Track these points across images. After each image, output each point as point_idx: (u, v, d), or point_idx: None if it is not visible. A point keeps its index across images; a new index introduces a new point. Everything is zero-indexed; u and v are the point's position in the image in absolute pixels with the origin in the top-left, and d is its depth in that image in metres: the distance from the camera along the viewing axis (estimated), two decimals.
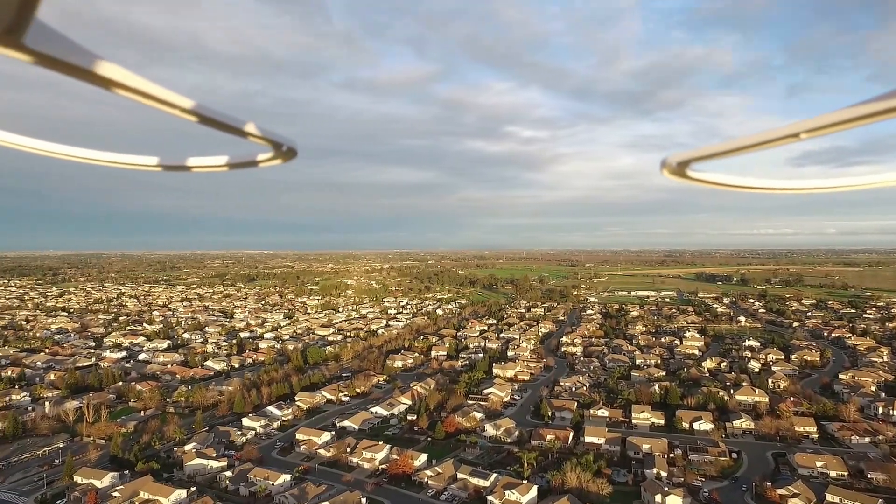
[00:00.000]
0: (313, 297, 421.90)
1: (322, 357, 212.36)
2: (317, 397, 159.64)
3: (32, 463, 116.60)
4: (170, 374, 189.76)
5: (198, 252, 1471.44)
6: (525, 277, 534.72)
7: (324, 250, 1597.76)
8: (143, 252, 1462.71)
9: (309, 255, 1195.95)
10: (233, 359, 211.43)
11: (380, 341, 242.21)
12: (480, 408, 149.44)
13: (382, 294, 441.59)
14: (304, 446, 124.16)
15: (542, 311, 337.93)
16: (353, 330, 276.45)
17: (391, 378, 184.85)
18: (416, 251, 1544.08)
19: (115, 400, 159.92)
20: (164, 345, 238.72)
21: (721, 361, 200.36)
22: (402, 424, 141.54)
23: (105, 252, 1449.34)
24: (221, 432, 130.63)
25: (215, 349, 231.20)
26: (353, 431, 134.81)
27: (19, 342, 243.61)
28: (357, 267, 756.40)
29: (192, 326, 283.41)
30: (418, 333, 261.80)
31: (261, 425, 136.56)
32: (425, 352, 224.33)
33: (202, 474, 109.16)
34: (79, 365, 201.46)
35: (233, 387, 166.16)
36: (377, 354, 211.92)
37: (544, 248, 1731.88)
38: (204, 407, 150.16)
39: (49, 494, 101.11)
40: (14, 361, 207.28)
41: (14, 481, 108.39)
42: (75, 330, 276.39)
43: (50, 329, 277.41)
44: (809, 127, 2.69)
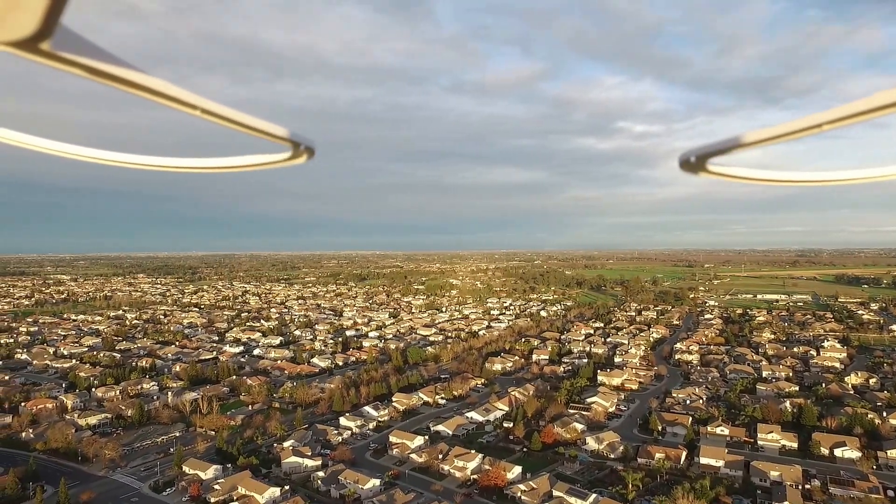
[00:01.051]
0: (418, 297, 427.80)
1: (422, 357, 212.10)
2: (413, 399, 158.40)
3: (151, 450, 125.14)
4: (279, 369, 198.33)
5: (316, 253, 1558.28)
6: (636, 278, 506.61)
7: (432, 251, 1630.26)
8: (268, 253, 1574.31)
9: (418, 256, 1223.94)
10: (337, 357, 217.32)
11: (480, 343, 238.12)
12: (582, 418, 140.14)
13: (486, 294, 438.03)
14: (397, 450, 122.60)
15: (655, 315, 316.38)
16: (454, 330, 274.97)
17: (489, 382, 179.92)
18: (522, 251, 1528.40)
19: (228, 393, 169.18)
20: (276, 341, 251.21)
21: (869, 377, 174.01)
22: (498, 432, 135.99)
23: (237, 253, 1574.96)
24: (319, 430, 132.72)
25: (322, 347, 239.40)
26: (446, 437, 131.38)
27: (156, 335, 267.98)
28: (463, 267, 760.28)
29: (303, 324, 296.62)
30: (520, 336, 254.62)
31: (356, 425, 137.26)
32: (526, 355, 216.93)
33: (297, 472, 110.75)
34: (201, 358, 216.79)
35: (334, 385, 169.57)
36: (476, 356, 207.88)
37: (658, 248, 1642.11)
38: (305, 404, 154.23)
39: (161, 482, 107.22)
40: (150, 352, 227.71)
41: (134, 466, 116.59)
42: (203, 325, 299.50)
43: (182, 323, 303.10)
44: (831, 118, 2.62)
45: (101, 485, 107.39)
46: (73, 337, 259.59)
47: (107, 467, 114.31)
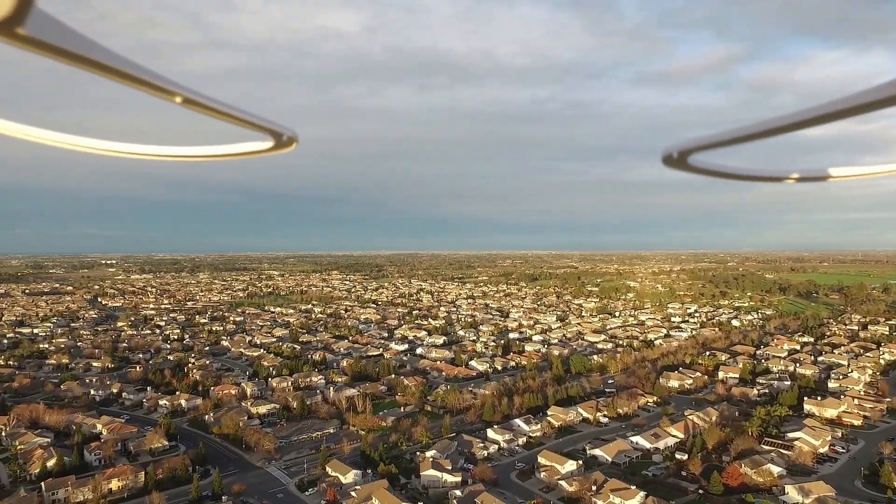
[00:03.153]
0: (590, 300, 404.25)
1: (586, 367, 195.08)
2: (570, 414, 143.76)
3: (306, 445, 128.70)
4: (437, 370, 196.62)
5: (493, 252, 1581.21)
6: (860, 285, 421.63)
7: (610, 251, 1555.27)
8: (448, 252, 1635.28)
9: (594, 256, 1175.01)
10: (496, 360, 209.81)
11: (655, 354, 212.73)
12: (780, 458, 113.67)
13: (667, 299, 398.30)
14: (545, 473, 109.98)
15: (887, 331, 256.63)
16: (626, 338, 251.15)
17: (662, 401, 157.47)
18: (712, 251, 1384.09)
19: (385, 392, 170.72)
20: (440, 340, 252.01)
21: None
22: (667, 464, 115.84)
23: (420, 252, 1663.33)
24: (465, 441, 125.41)
25: (483, 349, 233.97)
26: (604, 463, 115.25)
27: (334, 329, 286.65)
28: (643, 268, 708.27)
29: (468, 324, 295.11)
30: (704, 348, 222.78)
31: (505, 440, 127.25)
32: (710, 372, 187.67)
33: (435, 487, 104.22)
34: (368, 354, 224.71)
35: (488, 391, 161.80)
36: (649, 370, 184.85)
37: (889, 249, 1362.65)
38: (455, 410, 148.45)
39: (306, 480, 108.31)
40: (325, 346, 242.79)
41: (288, 459, 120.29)
42: (377, 321, 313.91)
43: (358, 319, 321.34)
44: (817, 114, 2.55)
45: (256, 476, 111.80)
46: (268, 328, 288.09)
47: (263, 458, 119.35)
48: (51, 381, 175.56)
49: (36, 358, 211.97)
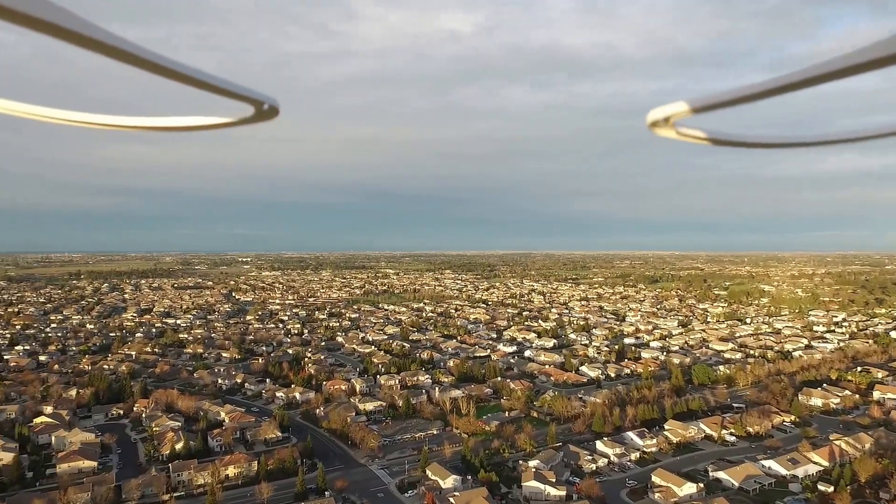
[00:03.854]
0: (717, 304, 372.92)
1: (710, 378, 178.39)
2: (691, 430, 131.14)
3: (408, 445, 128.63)
4: (545, 374, 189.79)
5: (610, 252, 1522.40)
6: None
7: (742, 251, 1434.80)
8: (563, 252, 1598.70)
9: (724, 257, 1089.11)
10: (609, 367, 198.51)
11: (793, 367, 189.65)
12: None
13: (809, 305, 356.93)
14: (659, 494, 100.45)
15: None
16: (759, 348, 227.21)
17: (801, 421, 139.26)
18: (865, 253, 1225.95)
19: (490, 394, 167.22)
20: (549, 343, 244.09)
21: None
22: (808, 496, 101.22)
23: (533, 252, 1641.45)
24: (571, 453, 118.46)
25: (595, 354, 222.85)
26: (729, 489, 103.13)
27: (443, 328, 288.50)
28: (780, 271, 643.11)
29: (581, 327, 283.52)
30: (855, 363, 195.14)
31: (615, 453, 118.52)
32: (863, 391, 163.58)
33: (536, 500, 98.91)
34: (476, 355, 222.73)
35: (599, 399, 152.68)
36: (786, 385, 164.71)
37: None
38: (562, 418, 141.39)
39: (406, 482, 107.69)
40: (434, 345, 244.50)
41: (391, 459, 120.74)
42: (486, 321, 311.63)
43: (468, 318, 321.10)
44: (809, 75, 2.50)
45: (358, 473, 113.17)
46: (380, 325, 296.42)
47: (367, 456, 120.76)
48: (186, 369, 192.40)
49: (176, 347, 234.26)
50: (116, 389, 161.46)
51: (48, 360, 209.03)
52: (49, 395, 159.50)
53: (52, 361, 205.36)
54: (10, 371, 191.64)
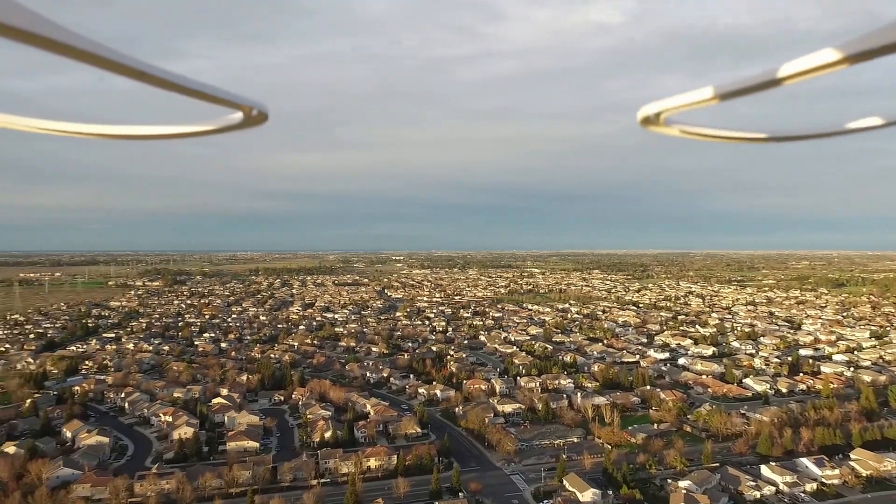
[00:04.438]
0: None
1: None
2: (887, 462, 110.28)
3: (546, 451, 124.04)
4: (701, 385, 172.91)
5: (784, 252, 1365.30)
6: None
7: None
8: (726, 251, 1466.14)
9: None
10: (780, 381, 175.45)
11: None
12: None
13: None
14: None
15: None
16: None
17: None
18: None
19: (637, 404, 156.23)
20: (708, 351, 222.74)
21: None
22: None
23: (692, 251, 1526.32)
24: (730, 476, 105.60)
25: (763, 365, 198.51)
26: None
27: (589, 330, 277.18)
28: None
29: (746, 335, 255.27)
30: None
31: (786, 481, 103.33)
32: None
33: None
34: (623, 360, 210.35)
35: (766, 417, 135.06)
36: None
37: None
38: (720, 436, 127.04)
39: (542, 490, 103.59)
40: (578, 348, 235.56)
41: (528, 464, 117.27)
42: (636, 325, 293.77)
43: (616, 321, 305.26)
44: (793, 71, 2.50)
45: (494, 476, 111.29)
46: (523, 325, 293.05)
47: (503, 459, 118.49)
48: (339, 361, 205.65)
49: (332, 340, 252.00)
50: (279, 377, 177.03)
51: (227, 347, 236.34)
52: (226, 378, 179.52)
53: (230, 349, 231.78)
54: (198, 356, 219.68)
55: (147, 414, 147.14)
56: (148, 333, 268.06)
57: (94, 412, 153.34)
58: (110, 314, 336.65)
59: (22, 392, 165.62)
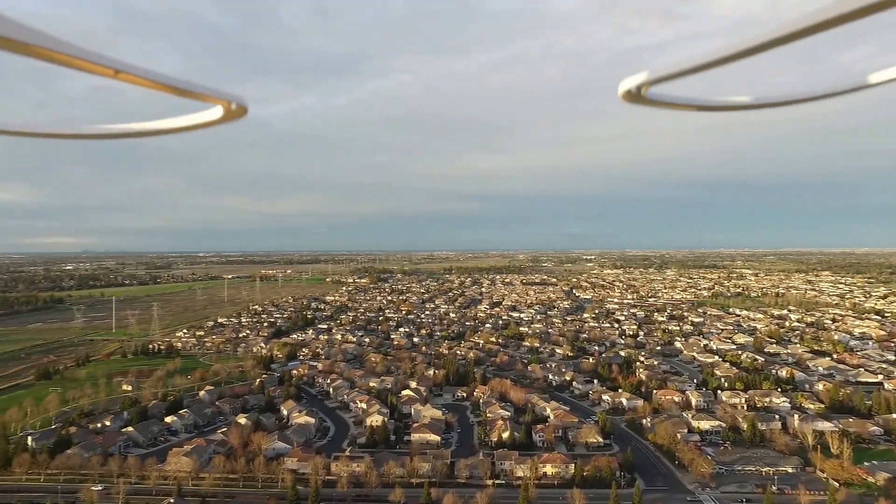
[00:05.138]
0: None
1: None
2: None
3: (750, 479, 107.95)
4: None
5: None
6: None
7: None
8: None
9: None
10: None
11: None
12: None
13: None
14: None
15: None
16: None
17: None
18: None
19: (879, 435, 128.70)
20: None
21: None
22: None
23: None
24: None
25: None
26: None
27: (813, 342, 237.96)
28: None
29: None
30: None
31: None
32: None
33: None
34: (858, 380, 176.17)
35: None
36: None
37: None
38: None
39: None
40: (797, 361, 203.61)
41: (726, 492, 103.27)
42: (879, 338, 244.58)
43: (851, 333, 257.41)
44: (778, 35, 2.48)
45: (683, 500, 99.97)
46: (728, 332, 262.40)
47: (696, 483, 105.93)
48: (522, 361, 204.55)
49: (516, 339, 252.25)
50: (463, 374, 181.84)
51: (419, 342, 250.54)
52: (415, 372, 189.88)
53: (421, 343, 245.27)
54: (393, 349, 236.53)
55: (347, 400, 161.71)
56: (353, 326, 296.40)
57: (305, 394, 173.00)
58: (325, 308, 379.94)
59: (254, 372, 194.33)
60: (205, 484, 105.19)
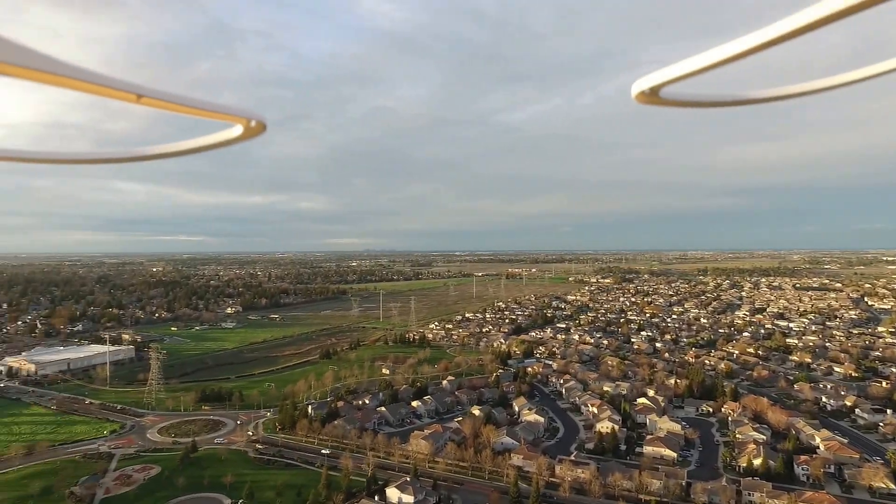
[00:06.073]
0: None
1: None
2: None
3: None
4: None
5: None
6: None
7: None
8: None
9: None
10: None
11: None
12: None
13: None
14: None
15: None
16: None
17: None
18: None
19: None
20: None
21: None
22: None
23: None
24: None
25: None
26: None
27: None
28: None
29: None
30: None
31: None
32: None
33: None
34: None
35: None
36: None
37: None
38: None
39: None
40: None
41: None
42: None
43: None
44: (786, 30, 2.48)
45: None
46: None
47: None
48: (786, 378, 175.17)
49: (781, 352, 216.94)
50: (709, 386, 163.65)
51: (661, 347, 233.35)
52: (654, 379, 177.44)
53: (664, 349, 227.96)
54: (632, 353, 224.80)
55: (578, 402, 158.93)
56: (592, 327, 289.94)
57: (538, 392, 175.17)
58: (565, 307, 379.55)
59: (492, 366, 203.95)
60: (438, 468, 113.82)
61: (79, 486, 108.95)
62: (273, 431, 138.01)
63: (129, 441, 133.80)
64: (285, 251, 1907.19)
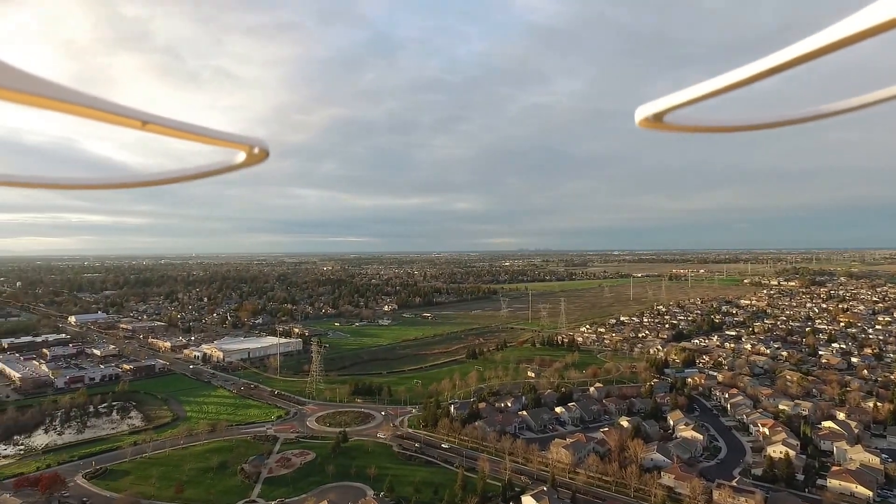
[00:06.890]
0: None
1: None
2: None
3: None
4: None
5: None
6: None
7: None
8: None
9: None
10: None
11: None
12: None
13: None
14: None
15: None
16: None
17: None
18: None
19: None
20: None
21: None
22: None
23: None
24: None
25: None
26: None
27: None
28: None
29: None
30: None
31: None
32: None
33: None
34: None
35: None
36: None
37: None
38: None
39: None
40: None
41: None
42: None
43: None
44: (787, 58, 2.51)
45: None
46: None
47: None
48: None
49: None
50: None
51: (859, 363, 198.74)
52: (846, 401, 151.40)
53: (862, 366, 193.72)
54: (818, 367, 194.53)
55: (747, 420, 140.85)
56: (769, 336, 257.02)
57: (698, 406, 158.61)
58: (737, 312, 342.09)
59: (646, 374, 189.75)
60: (578, 479, 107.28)
61: (248, 463, 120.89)
62: (416, 427, 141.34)
63: (292, 427, 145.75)
64: (441, 251, 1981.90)
